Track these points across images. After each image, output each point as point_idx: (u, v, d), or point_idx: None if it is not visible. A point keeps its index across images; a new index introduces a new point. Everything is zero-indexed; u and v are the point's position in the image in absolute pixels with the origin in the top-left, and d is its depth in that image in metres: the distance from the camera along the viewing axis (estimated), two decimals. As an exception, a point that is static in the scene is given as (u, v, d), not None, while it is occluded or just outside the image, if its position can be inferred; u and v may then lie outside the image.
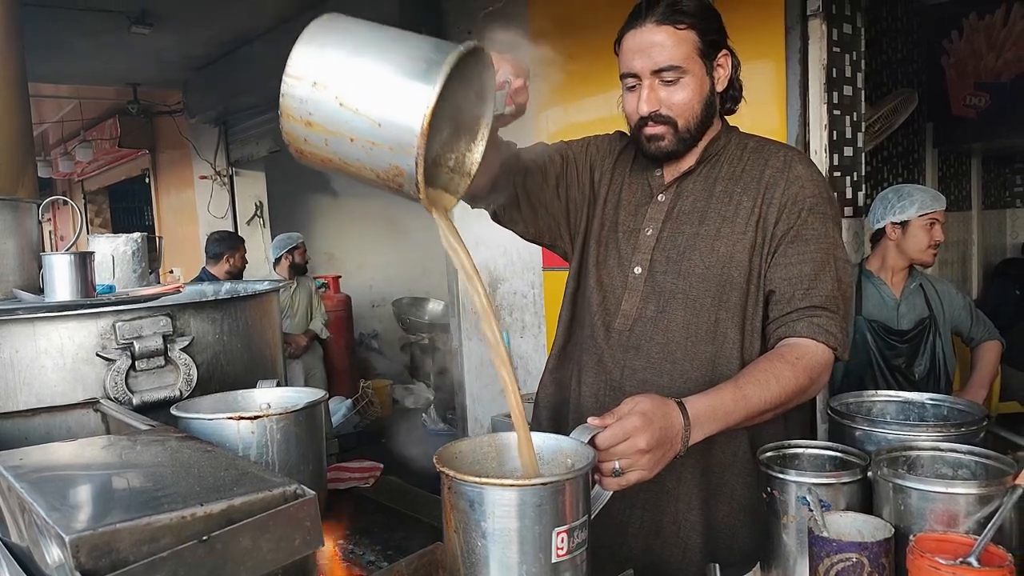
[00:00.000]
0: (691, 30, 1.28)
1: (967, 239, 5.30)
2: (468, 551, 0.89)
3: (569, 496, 0.91)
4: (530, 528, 0.88)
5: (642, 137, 1.37)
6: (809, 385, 1.27)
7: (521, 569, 0.88)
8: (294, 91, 0.88)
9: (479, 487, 0.88)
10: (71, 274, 1.45)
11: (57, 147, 9.65)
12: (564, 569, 0.90)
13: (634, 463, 1.05)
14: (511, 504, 0.87)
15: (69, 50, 5.31)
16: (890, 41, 4.17)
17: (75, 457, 0.92)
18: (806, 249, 1.32)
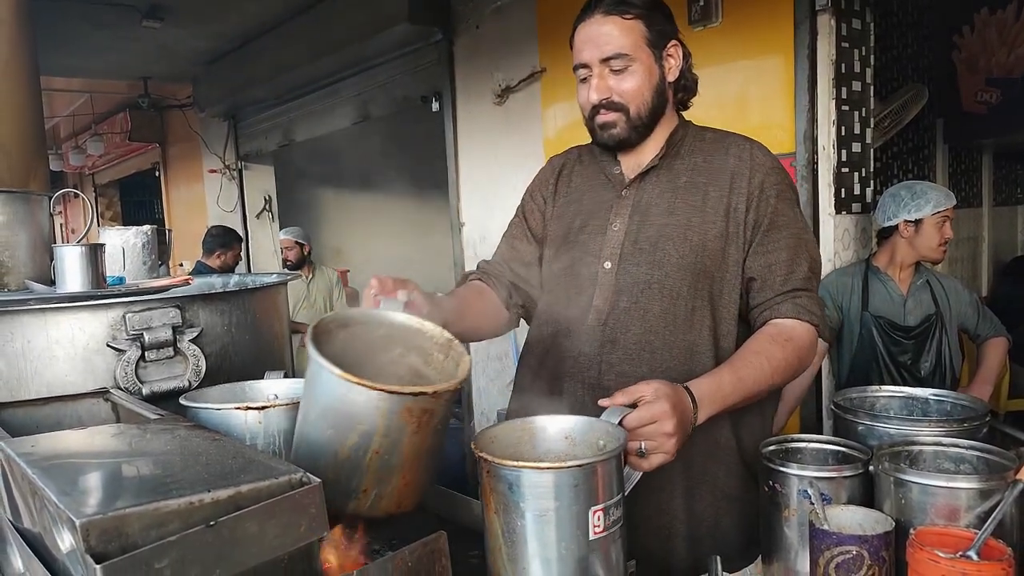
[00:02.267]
0: (638, 20, 1.34)
1: (977, 236, 5.27)
2: (509, 531, 0.94)
3: (602, 476, 0.94)
4: (567, 508, 0.91)
5: (595, 126, 1.41)
6: (798, 364, 1.33)
7: (560, 547, 0.92)
8: None
9: (517, 470, 0.92)
10: (82, 266, 1.47)
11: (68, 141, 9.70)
12: (601, 545, 0.94)
13: (659, 445, 1.10)
14: (548, 486, 0.91)
15: (80, 44, 5.34)
16: (900, 36, 4.14)
17: (85, 445, 0.94)
18: (780, 236, 1.37)
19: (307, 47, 4.96)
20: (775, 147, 2.78)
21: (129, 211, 10.47)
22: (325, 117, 5.55)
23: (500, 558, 0.96)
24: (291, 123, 5.99)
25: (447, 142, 4.25)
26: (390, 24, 4.17)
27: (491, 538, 0.97)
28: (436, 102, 4.32)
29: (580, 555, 0.93)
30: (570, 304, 1.44)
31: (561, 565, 0.93)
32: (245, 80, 5.74)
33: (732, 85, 2.90)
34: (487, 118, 3.97)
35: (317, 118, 5.66)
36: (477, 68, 4.00)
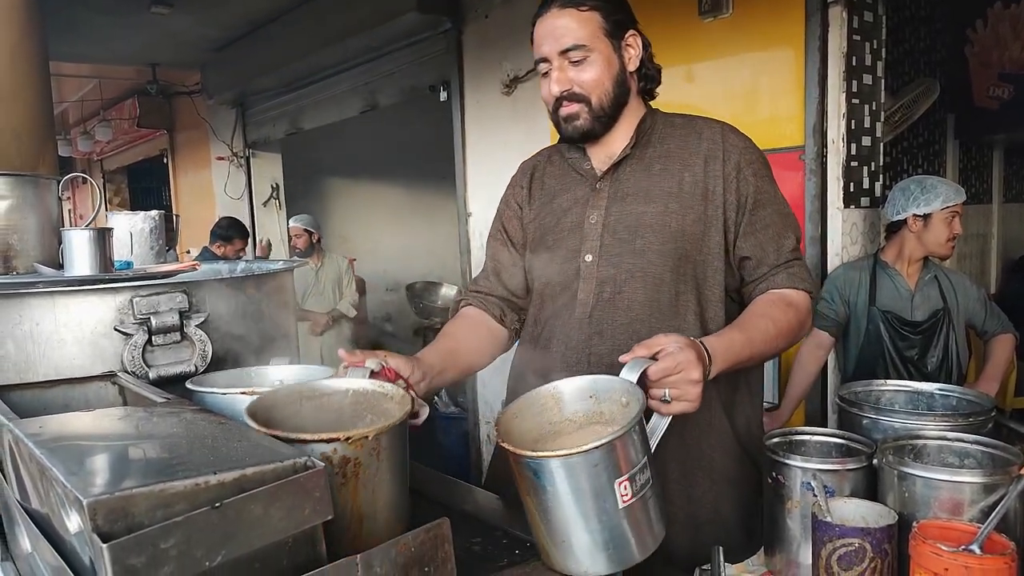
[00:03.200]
0: (594, 11, 1.35)
1: (987, 232, 5.23)
2: (541, 511, 0.96)
3: (622, 449, 0.94)
4: (591, 486, 0.93)
5: (560, 119, 1.42)
6: (799, 328, 1.36)
7: (591, 521, 0.94)
8: None
9: (537, 460, 0.93)
10: (90, 250, 1.47)
11: (77, 126, 9.72)
12: (633, 510, 0.95)
13: (684, 394, 1.09)
14: (568, 470, 0.92)
15: (89, 30, 5.34)
16: (912, 30, 4.11)
17: (93, 426, 0.95)
18: (765, 213, 1.39)
19: (315, 35, 4.96)
20: (784, 140, 2.79)
21: (137, 197, 10.49)
22: (333, 105, 5.55)
23: (541, 534, 0.99)
24: (299, 111, 5.99)
25: (455, 132, 4.25)
26: (399, 13, 4.16)
27: (529, 516, 0.99)
28: (444, 91, 4.32)
29: (614, 523, 0.94)
30: (555, 300, 1.45)
31: (597, 535, 0.94)
32: (253, 67, 5.74)
33: (741, 77, 2.89)
34: (495, 108, 3.96)
35: (325, 106, 5.65)
36: (485, 58, 3.99)
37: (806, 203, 2.74)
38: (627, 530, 0.95)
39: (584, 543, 0.95)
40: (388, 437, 0.93)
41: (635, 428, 0.97)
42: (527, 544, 1.11)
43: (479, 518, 1.24)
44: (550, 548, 0.98)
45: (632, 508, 0.95)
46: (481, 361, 1.53)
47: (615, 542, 0.95)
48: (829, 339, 2.68)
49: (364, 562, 0.77)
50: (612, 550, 0.95)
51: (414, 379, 1.24)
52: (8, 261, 1.65)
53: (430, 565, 0.84)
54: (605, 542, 0.95)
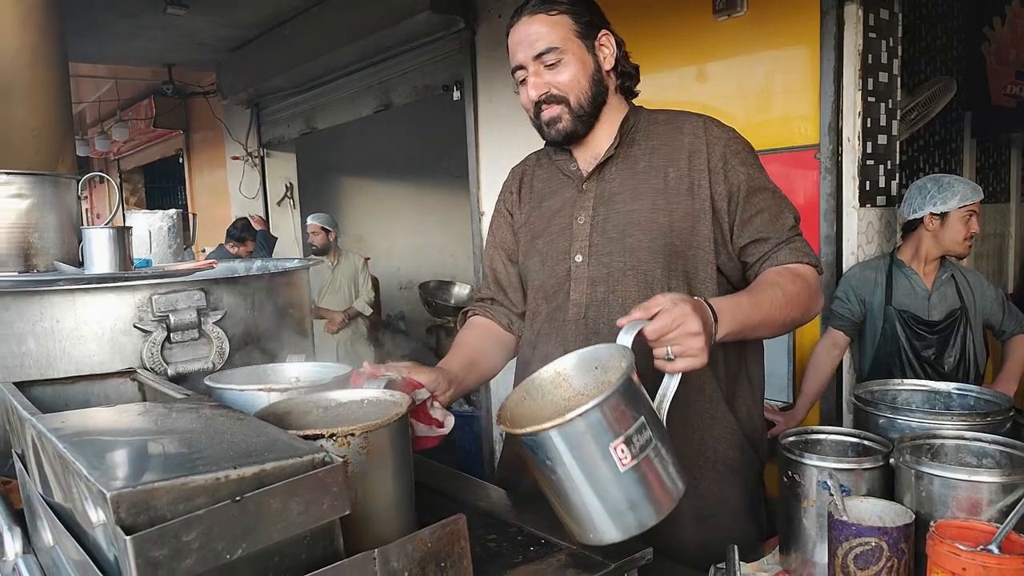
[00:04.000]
0: (564, 15, 1.37)
1: (1004, 232, 5.18)
2: (548, 485, 0.97)
3: (610, 413, 0.93)
4: (584, 454, 0.92)
5: (542, 124, 1.43)
6: (808, 299, 1.34)
7: (595, 488, 0.93)
8: None
9: (529, 435, 0.93)
10: (110, 248, 1.49)
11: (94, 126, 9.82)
12: (637, 472, 0.94)
13: (686, 348, 1.07)
14: (557, 441, 0.92)
15: (106, 31, 5.39)
16: (929, 27, 4.07)
17: (114, 422, 0.96)
18: (760, 198, 1.39)
19: (329, 35, 4.98)
20: (799, 139, 2.78)
21: (153, 197, 10.59)
22: (347, 105, 5.57)
23: (558, 510, 0.99)
24: (313, 111, 6.02)
25: (468, 131, 4.26)
26: (412, 12, 4.17)
27: (543, 492, 1.00)
28: (457, 91, 4.33)
29: (617, 488, 0.94)
30: (550, 302, 1.47)
31: (603, 502, 0.94)
32: (268, 68, 5.78)
33: (756, 76, 2.88)
34: (508, 107, 3.97)
35: (339, 106, 5.68)
36: (499, 57, 3.99)
37: (821, 202, 2.72)
38: (634, 493, 0.94)
39: (593, 511, 0.94)
40: (379, 437, 0.93)
41: (622, 390, 0.94)
42: (542, 541, 1.11)
43: (494, 515, 1.24)
44: (567, 521, 0.98)
45: (636, 470, 0.93)
46: (496, 367, 1.56)
47: (623, 506, 0.94)
48: (844, 339, 2.66)
49: (381, 557, 0.78)
50: (622, 515, 0.94)
51: (440, 390, 1.28)
52: (29, 259, 1.67)
53: (446, 561, 0.85)
54: (613, 508, 0.93)
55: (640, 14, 3.10)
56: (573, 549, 1.06)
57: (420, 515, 1.13)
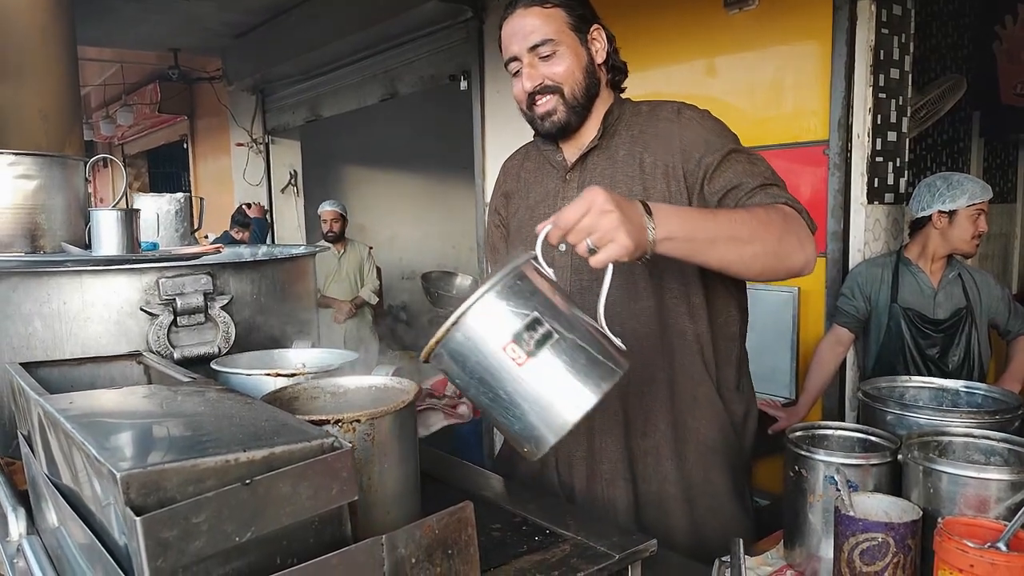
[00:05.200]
0: (558, 8, 1.39)
1: (1010, 232, 5.16)
2: (476, 404, 0.94)
3: (492, 315, 0.90)
4: (480, 362, 0.90)
5: (535, 117, 1.43)
6: (786, 231, 1.21)
7: (506, 394, 0.90)
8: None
9: (428, 355, 0.93)
10: (118, 230, 1.49)
11: (99, 110, 9.81)
12: (540, 368, 0.90)
13: (604, 233, 1.00)
14: (449, 356, 0.91)
15: (113, 14, 5.38)
16: (940, 25, 4.05)
17: (122, 403, 0.96)
18: (733, 158, 1.34)
19: (336, 23, 4.96)
20: (808, 134, 2.77)
21: (157, 182, 10.58)
22: (352, 93, 5.56)
23: (500, 430, 0.96)
24: (318, 99, 6.01)
25: (474, 121, 4.25)
26: (420, 1, 4.15)
27: None
28: (464, 81, 4.31)
29: (527, 386, 0.90)
30: None
31: (521, 406, 0.90)
32: (274, 54, 5.76)
33: (766, 70, 2.86)
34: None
35: (344, 94, 5.67)
36: (507, 47, 3.98)
37: (829, 198, 2.71)
38: (544, 388, 0.90)
39: (515, 418, 0.91)
40: (386, 425, 0.92)
41: (501, 289, 0.91)
42: (547, 531, 1.11)
43: (498, 504, 1.24)
44: (511, 441, 0.95)
45: (537, 366, 0.89)
46: None
47: (540, 405, 0.90)
48: (849, 335, 2.66)
49: (389, 543, 0.78)
50: (543, 415, 0.90)
51: None
52: (36, 240, 1.67)
53: (453, 548, 0.84)
54: (532, 410, 0.90)
55: (651, 7, 3.08)
56: (578, 540, 1.06)
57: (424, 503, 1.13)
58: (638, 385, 1.40)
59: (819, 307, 2.83)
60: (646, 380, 1.40)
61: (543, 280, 0.96)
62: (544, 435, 0.91)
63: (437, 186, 7.79)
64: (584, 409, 0.90)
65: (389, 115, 6.20)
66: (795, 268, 1.23)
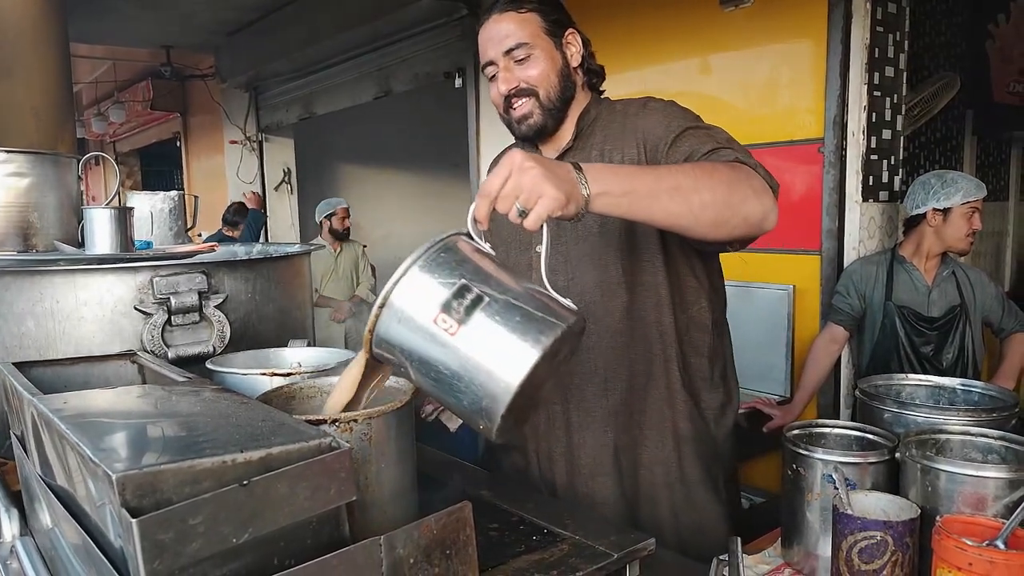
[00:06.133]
0: (533, 12, 1.41)
1: (1002, 230, 5.19)
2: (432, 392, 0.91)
3: (418, 288, 0.88)
4: (415, 340, 0.87)
5: (512, 121, 1.46)
6: (732, 174, 1.16)
7: (448, 368, 0.87)
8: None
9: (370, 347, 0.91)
10: (111, 228, 1.47)
11: (90, 108, 9.75)
12: (474, 332, 0.85)
13: (530, 192, 0.97)
14: (385, 342, 0.89)
15: (105, 11, 5.34)
16: (934, 23, 4.06)
17: (116, 403, 0.95)
18: (691, 135, 1.32)
19: (330, 20, 4.94)
20: (803, 132, 2.77)
21: (149, 180, 10.53)
22: (346, 91, 5.54)
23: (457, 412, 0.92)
24: (312, 96, 5.99)
25: (468, 119, 4.24)
26: (415, -2, 4.14)
27: None
28: (459, 78, 4.30)
29: (465, 354, 0.86)
30: None
31: (465, 377, 0.86)
32: (267, 52, 5.74)
33: (761, 68, 2.86)
34: (510, 96, 3.94)
35: (338, 92, 5.65)
36: (502, 45, 3.97)
37: (824, 196, 2.72)
38: (483, 353, 0.85)
39: (463, 393, 0.87)
40: (383, 424, 0.92)
41: (424, 263, 0.89)
42: (544, 531, 1.10)
43: (496, 504, 1.23)
44: (463, 418, 0.91)
45: (471, 331, 0.85)
46: None
47: (485, 373, 0.85)
48: (843, 333, 2.66)
49: (387, 543, 0.77)
50: (489, 383, 0.85)
51: None
52: (28, 239, 1.65)
53: (452, 548, 0.84)
54: (476, 380, 0.85)
55: (647, 5, 3.08)
56: (576, 539, 1.06)
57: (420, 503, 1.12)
58: (614, 381, 1.43)
59: (814, 305, 2.83)
60: (621, 374, 1.43)
61: (475, 252, 0.93)
62: (491, 405, 0.85)
63: (431, 184, 7.77)
64: (525, 367, 0.84)
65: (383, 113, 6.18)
66: (753, 219, 1.16)
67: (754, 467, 2.88)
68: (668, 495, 1.45)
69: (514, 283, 0.91)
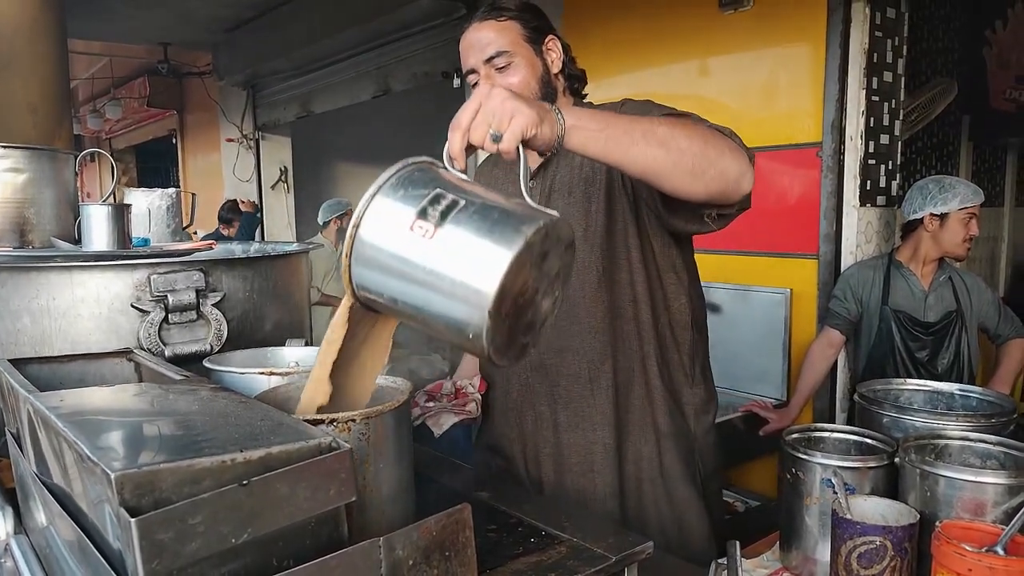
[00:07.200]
0: (512, 20, 1.44)
1: (997, 236, 5.21)
2: (411, 314, 0.87)
3: (393, 201, 0.85)
4: (392, 255, 0.84)
5: None
6: (707, 132, 1.16)
7: (424, 275, 0.83)
8: None
9: (348, 275, 0.87)
10: (108, 225, 1.46)
11: (87, 104, 9.71)
12: (453, 231, 0.82)
13: (501, 112, 0.96)
14: (365, 269, 0.86)
15: (103, 8, 5.32)
16: (931, 29, 4.07)
17: (113, 401, 0.94)
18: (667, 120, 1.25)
19: (329, 18, 4.93)
20: (801, 136, 2.77)
21: (145, 177, 10.50)
22: (344, 90, 5.53)
23: (444, 335, 0.87)
24: (310, 95, 5.97)
25: (467, 119, 4.23)
26: (414, -2, 4.14)
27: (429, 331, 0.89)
28: (457, 78, 4.30)
29: (445, 253, 0.82)
30: None
31: (447, 277, 0.82)
32: (265, 49, 5.72)
33: (760, 71, 2.87)
34: (509, 96, 3.94)
35: (336, 90, 5.64)
36: (501, 45, 3.96)
37: (822, 200, 2.72)
38: (462, 252, 0.81)
39: (448, 299, 0.82)
40: (381, 424, 0.91)
41: (397, 180, 0.87)
42: (542, 533, 1.10)
43: (493, 505, 1.23)
44: (453, 339, 0.85)
45: (448, 231, 0.82)
46: None
47: (467, 270, 0.81)
48: (840, 337, 2.67)
49: (387, 544, 0.77)
50: (471, 282, 0.80)
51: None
52: (24, 235, 1.64)
53: (451, 550, 0.83)
54: (458, 280, 0.81)
55: (646, 7, 3.08)
56: (574, 542, 1.06)
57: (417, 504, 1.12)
58: (599, 380, 1.45)
59: (811, 309, 2.83)
60: (606, 373, 1.45)
61: (450, 174, 0.91)
62: (478, 302, 0.80)
63: (428, 184, 7.75)
64: (509, 255, 0.79)
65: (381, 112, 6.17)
66: (731, 174, 1.16)
67: (750, 470, 2.88)
68: (651, 490, 1.47)
69: (492, 193, 0.88)
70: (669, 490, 1.47)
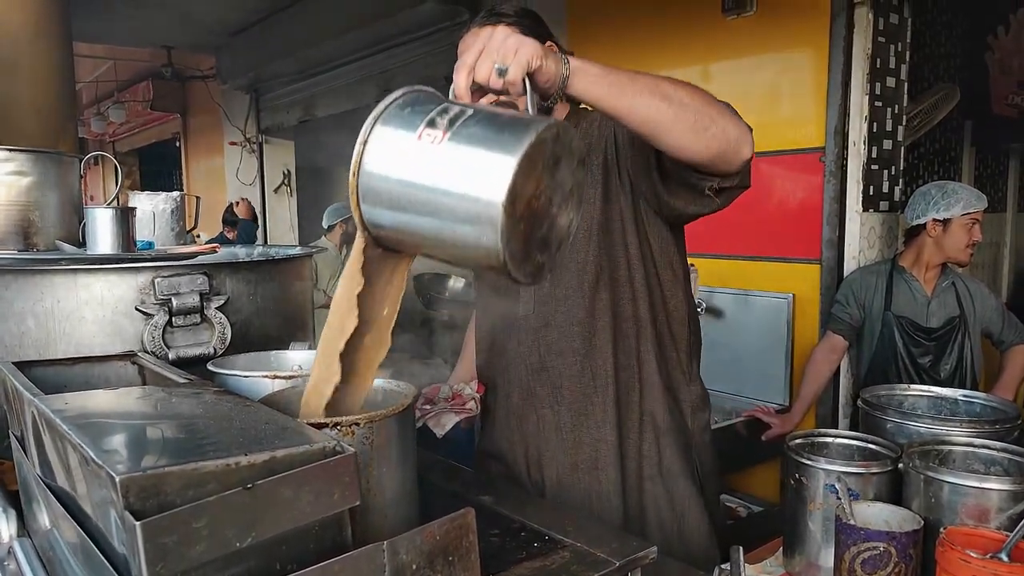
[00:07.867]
0: (511, 26, 1.40)
1: (999, 242, 5.20)
2: (430, 228, 0.84)
3: (398, 119, 0.85)
4: (400, 166, 0.84)
5: None
6: (708, 95, 1.17)
7: (433, 182, 0.82)
8: None
9: (356, 194, 0.89)
10: (113, 228, 1.47)
11: (90, 107, 9.73)
12: (462, 134, 0.81)
13: (506, 47, 0.97)
14: (373, 188, 0.87)
15: (107, 11, 5.34)
16: (934, 34, 4.07)
17: (117, 404, 0.94)
18: None
19: (332, 22, 4.94)
20: (804, 141, 2.77)
21: (148, 180, 10.51)
22: (347, 93, 5.54)
23: (461, 250, 0.86)
24: (313, 98, 5.99)
25: (469, 123, 4.23)
26: (416, 2, 4.15)
27: (446, 254, 0.89)
28: (460, 82, 4.31)
29: (457, 155, 0.81)
30: (499, 301, 1.56)
31: (459, 178, 0.80)
32: (268, 53, 5.73)
33: (763, 77, 2.87)
34: (512, 101, 3.94)
35: (339, 94, 5.65)
36: (503, 50, 3.97)
37: (824, 205, 2.72)
38: (475, 152, 0.80)
39: (461, 202, 0.80)
40: (385, 428, 0.91)
41: (403, 101, 0.87)
42: (545, 538, 1.10)
43: (495, 510, 1.23)
44: (470, 246, 0.82)
45: (458, 134, 0.81)
46: None
47: (478, 171, 0.79)
48: (843, 343, 2.66)
49: (390, 549, 0.77)
50: (483, 184, 0.78)
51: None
52: (29, 238, 1.64)
53: (454, 555, 0.83)
54: (468, 183, 0.79)
55: (649, 11, 3.08)
56: (577, 546, 1.06)
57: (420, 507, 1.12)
58: (601, 378, 1.47)
59: (814, 314, 2.83)
60: (607, 371, 1.46)
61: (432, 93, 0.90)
62: (493, 195, 0.77)
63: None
64: (524, 142, 0.78)
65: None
66: (731, 135, 1.16)
67: (753, 476, 2.88)
68: (651, 487, 1.48)
69: (498, 108, 0.88)
70: (669, 487, 1.48)
